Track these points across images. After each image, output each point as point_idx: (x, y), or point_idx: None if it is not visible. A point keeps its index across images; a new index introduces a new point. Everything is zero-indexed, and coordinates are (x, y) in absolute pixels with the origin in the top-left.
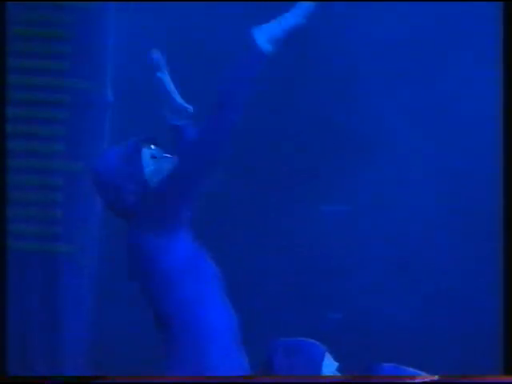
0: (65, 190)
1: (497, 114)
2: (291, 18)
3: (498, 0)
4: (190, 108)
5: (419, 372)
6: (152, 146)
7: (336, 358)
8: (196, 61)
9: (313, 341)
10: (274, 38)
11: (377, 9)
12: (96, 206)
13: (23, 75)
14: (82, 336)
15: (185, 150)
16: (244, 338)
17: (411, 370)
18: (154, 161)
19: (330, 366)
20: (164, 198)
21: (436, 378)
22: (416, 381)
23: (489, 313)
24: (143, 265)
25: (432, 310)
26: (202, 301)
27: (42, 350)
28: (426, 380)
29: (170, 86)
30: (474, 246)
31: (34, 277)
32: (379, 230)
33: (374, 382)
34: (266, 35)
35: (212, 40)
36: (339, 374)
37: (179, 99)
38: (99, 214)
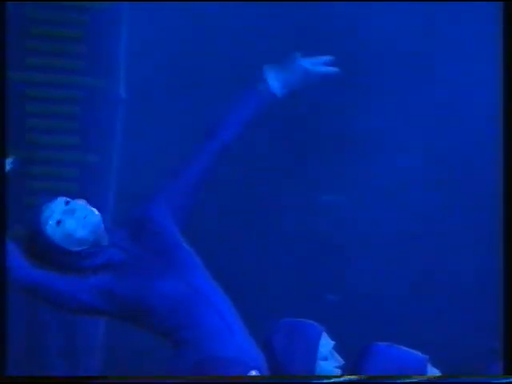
0: (80, 181)
1: (497, 107)
2: (309, 66)
3: (498, 0)
4: None
5: (413, 351)
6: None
7: (333, 338)
8: (207, 60)
9: (310, 321)
10: (288, 84)
11: (377, 9)
12: (109, 196)
13: (41, 73)
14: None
15: None
16: (245, 320)
17: (405, 348)
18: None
19: (326, 345)
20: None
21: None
22: (418, 380)
23: (489, 297)
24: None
25: (429, 293)
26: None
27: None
28: (424, 380)
29: None
30: (473, 232)
31: None
32: (378, 218)
33: (374, 382)
34: (280, 81)
35: (224, 39)
36: (336, 353)
37: None
38: (112, 204)
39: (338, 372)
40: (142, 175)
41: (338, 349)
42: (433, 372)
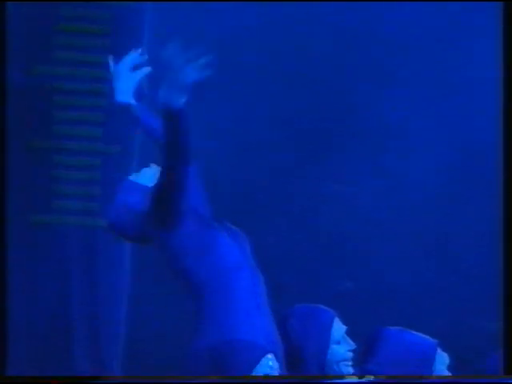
0: (102, 170)
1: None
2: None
3: (498, 0)
4: None
5: (423, 335)
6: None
7: (345, 323)
8: (225, 56)
9: (323, 306)
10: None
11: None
12: None
13: (68, 67)
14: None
15: None
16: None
17: (415, 333)
18: None
19: (339, 330)
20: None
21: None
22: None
23: (491, 277)
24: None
25: (437, 280)
26: (230, 268)
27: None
28: (427, 381)
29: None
30: (476, 212)
31: (75, 249)
32: (387, 206)
33: (380, 382)
34: (172, 94)
35: (240, 38)
36: (348, 337)
37: None
38: None
39: (350, 355)
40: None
41: (350, 333)
42: (442, 356)
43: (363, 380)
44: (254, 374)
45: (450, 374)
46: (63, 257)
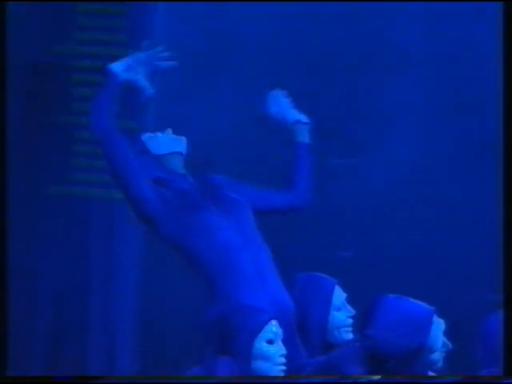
0: None
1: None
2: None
3: (498, 0)
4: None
5: (420, 302)
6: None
7: (345, 291)
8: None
9: (324, 275)
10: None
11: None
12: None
13: (86, 46)
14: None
15: None
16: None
17: (412, 300)
18: None
19: (339, 297)
20: None
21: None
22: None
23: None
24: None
25: (436, 247)
26: (233, 248)
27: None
28: (428, 380)
29: None
30: (475, 180)
31: (93, 220)
32: (386, 178)
33: (380, 382)
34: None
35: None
36: (348, 304)
37: None
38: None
39: (350, 322)
40: None
41: (350, 300)
42: (438, 323)
43: (363, 380)
44: (258, 339)
45: (445, 340)
46: (81, 227)
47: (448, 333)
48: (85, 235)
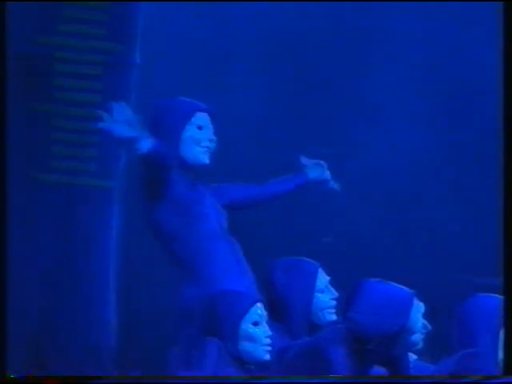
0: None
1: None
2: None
3: (498, 0)
4: None
5: (401, 286)
6: None
7: (328, 275)
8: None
9: (307, 259)
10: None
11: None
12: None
13: (70, 38)
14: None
15: None
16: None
17: (393, 284)
18: None
19: (322, 280)
20: None
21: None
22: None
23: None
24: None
25: (415, 235)
26: (204, 235)
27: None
28: (427, 381)
29: None
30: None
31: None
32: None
33: (374, 382)
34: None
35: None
36: (331, 287)
37: None
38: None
39: (334, 303)
40: None
41: (333, 284)
42: (418, 305)
43: (363, 380)
44: (244, 321)
45: (425, 322)
46: (60, 213)
47: (427, 315)
48: (68, 223)
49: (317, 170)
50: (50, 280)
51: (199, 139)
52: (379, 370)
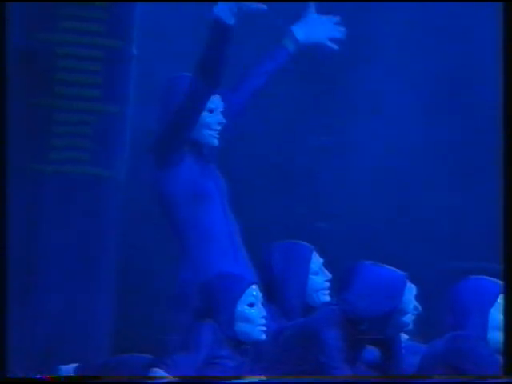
0: (96, 128)
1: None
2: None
3: (498, 0)
4: None
5: (393, 269)
6: None
7: (322, 256)
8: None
9: (302, 242)
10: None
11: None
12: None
13: (70, 34)
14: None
15: None
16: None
17: (387, 266)
18: None
19: (316, 262)
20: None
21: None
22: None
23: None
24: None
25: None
26: (205, 215)
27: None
28: (427, 381)
29: None
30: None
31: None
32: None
33: (373, 381)
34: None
35: None
36: (325, 269)
37: None
38: (127, 151)
39: (327, 285)
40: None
41: (327, 267)
42: (410, 288)
43: (363, 380)
44: (240, 303)
45: (416, 303)
46: (59, 202)
47: (419, 297)
48: (67, 212)
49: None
50: (50, 268)
51: (209, 122)
52: (371, 350)
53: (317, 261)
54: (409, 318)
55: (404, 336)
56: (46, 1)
